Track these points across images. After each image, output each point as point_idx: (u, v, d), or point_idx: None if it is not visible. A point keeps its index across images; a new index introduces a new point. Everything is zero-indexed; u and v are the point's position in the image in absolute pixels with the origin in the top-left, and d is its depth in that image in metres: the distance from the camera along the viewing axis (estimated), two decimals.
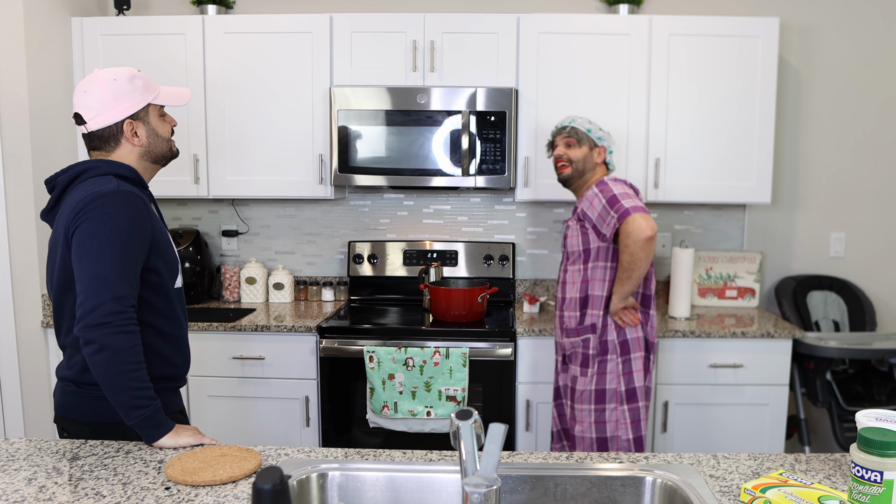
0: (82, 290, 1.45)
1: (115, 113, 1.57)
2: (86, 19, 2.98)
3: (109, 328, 1.43)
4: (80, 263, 1.46)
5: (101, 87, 1.57)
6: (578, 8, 3.27)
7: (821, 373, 2.88)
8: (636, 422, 2.32)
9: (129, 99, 1.58)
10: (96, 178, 1.54)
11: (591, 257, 2.30)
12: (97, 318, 1.43)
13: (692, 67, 2.91)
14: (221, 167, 3.02)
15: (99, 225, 1.46)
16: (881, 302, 3.37)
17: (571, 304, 2.35)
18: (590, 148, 2.38)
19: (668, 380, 2.77)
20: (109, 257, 1.45)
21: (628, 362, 2.31)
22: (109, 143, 1.61)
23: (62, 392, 1.60)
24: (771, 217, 3.34)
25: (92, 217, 1.47)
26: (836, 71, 3.26)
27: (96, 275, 1.44)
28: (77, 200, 1.50)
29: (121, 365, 1.45)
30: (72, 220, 1.49)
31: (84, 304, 1.44)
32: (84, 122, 1.58)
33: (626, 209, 2.18)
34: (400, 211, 3.37)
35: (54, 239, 1.56)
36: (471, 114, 2.86)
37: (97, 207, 1.47)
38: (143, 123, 1.61)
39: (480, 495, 1.02)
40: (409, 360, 2.63)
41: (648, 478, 1.36)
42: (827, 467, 1.39)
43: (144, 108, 1.61)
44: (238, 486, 1.30)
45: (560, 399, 2.45)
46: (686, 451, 2.81)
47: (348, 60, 2.94)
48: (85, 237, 1.46)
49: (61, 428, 1.61)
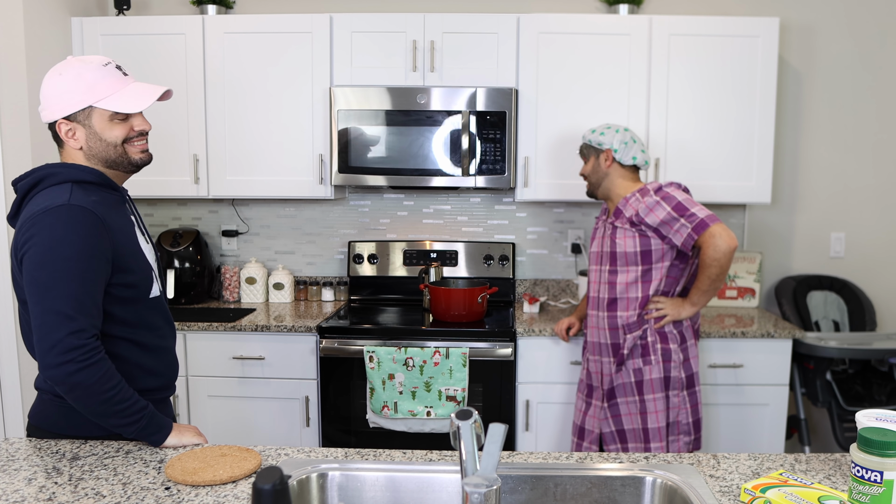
0: (37, 327, 1.36)
1: (53, 110, 1.46)
2: (86, 19, 2.98)
3: (73, 365, 1.35)
4: (32, 296, 1.36)
5: (50, 80, 1.46)
6: (578, 8, 3.27)
7: (821, 373, 2.88)
8: (695, 406, 2.39)
9: (69, 96, 1.44)
10: (52, 189, 1.43)
11: (652, 259, 2.31)
12: (57, 358, 1.35)
13: (692, 67, 2.91)
14: (221, 167, 3.02)
15: (46, 251, 1.36)
16: (881, 302, 3.37)
17: (629, 304, 2.35)
18: (595, 157, 2.41)
19: None
20: (61, 288, 1.35)
21: (685, 350, 2.37)
22: (58, 140, 1.51)
23: (39, 401, 1.54)
24: (771, 217, 3.34)
25: (38, 242, 1.36)
26: (836, 71, 3.26)
27: (48, 309, 1.35)
28: (26, 217, 1.40)
29: (97, 396, 1.39)
30: (20, 238, 1.40)
31: (41, 343, 1.35)
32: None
33: (701, 220, 2.22)
34: (400, 211, 3.37)
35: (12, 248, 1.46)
36: (471, 114, 2.86)
37: (43, 230, 1.36)
38: (81, 126, 1.47)
39: (480, 495, 1.02)
40: (409, 360, 2.63)
41: (648, 478, 1.36)
42: (827, 467, 1.39)
43: (84, 109, 1.46)
44: (238, 486, 1.30)
45: (615, 399, 2.41)
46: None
47: (348, 60, 2.94)
48: (32, 267, 1.36)
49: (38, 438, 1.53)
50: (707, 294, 2.30)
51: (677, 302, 2.33)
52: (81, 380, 1.36)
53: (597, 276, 2.44)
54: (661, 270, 2.33)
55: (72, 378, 1.36)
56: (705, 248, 2.23)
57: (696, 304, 2.32)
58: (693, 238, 2.23)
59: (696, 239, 2.23)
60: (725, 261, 2.22)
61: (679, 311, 2.32)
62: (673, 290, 2.36)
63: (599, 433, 2.45)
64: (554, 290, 3.36)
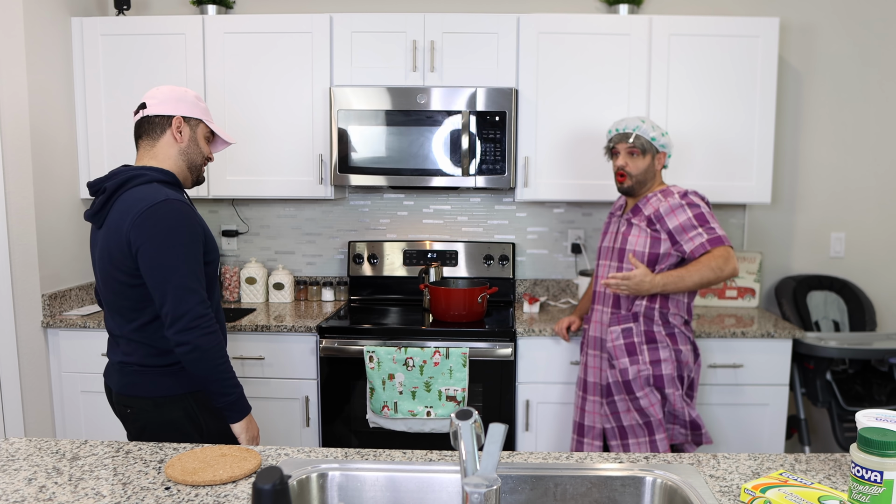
0: (168, 299, 1.64)
1: (174, 107, 1.79)
2: (86, 19, 2.98)
3: (198, 331, 1.66)
4: (157, 277, 1.65)
5: (173, 88, 1.82)
6: (578, 8, 3.27)
7: (821, 373, 2.88)
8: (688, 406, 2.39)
9: (191, 106, 1.82)
10: (143, 186, 1.71)
11: (656, 263, 2.30)
12: (187, 323, 1.65)
13: (692, 67, 2.91)
14: (221, 167, 3.02)
15: (165, 238, 1.65)
16: (881, 302, 3.37)
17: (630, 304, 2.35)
18: (652, 157, 2.33)
19: None
20: (187, 267, 1.66)
21: (678, 352, 2.36)
22: (156, 131, 1.79)
23: (122, 373, 1.77)
24: (771, 217, 3.34)
25: (156, 232, 1.64)
26: (836, 71, 3.26)
27: (178, 285, 1.64)
28: (132, 210, 1.66)
29: (210, 361, 1.68)
30: (132, 228, 1.65)
31: (173, 311, 1.64)
32: (145, 107, 1.79)
33: (719, 236, 2.24)
34: (400, 211, 3.37)
35: (105, 239, 1.71)
36: (471, 114, 2.86)
37: (158, 221, 1.65)
38: (189, 128, 1.82)
39: (480, 495, 1.02)
40: (409, 360, 2.63)
41: (648, 478, 1.36)
42: (827, 467, 1.39)
43: (197, 120, 1.83)
44: (238, 486, 1.30)
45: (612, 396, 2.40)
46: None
47: (348, 60, 2.94)
48: (156, 252, 1.64)
49: (123, 405, 1.78)
50: (680, 283, 2.20)
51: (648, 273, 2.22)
52: (201, 344, 1.66)
53: (605, 271, 2.43)
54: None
55: (196, 341, 1.65)
56: (717, 256, 2.20)
57: (657, 286, 2.20)
58: (705, 248, 2.22)
59: (710, 250, 2.22)
60: (724, 277, 2.22)
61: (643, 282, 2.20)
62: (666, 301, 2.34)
63: (602, 429, 2.45)
64: (554, 290, 3.36)
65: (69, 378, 2.86)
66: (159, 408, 1.75)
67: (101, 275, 1.75)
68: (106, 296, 1.77)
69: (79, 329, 2.83)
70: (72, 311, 2.99)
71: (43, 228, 2.85)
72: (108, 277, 1.73)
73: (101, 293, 1.80)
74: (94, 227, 1.81)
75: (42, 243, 2.84)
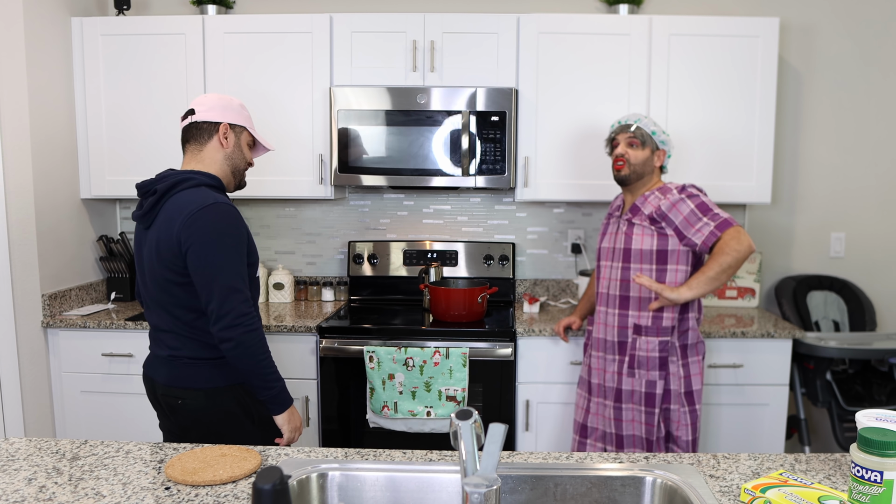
0: (214, 297, 1.74)
1: (221, 114, 1.90)
2: (86, 19, 2.98)
3: (242, 328, 1.74)
4: (205, 276, 1.74)
5: (220, 97, 1.93)
6: (578, 8, 3.27)
7: (821, 373, 2.88)
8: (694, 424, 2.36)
9: (236, 114, 1.93)
10: (192, 190, 1.81)
11: (667, 260, 2.29)
12: (231, 321, 1.73)
13: (692, 67, 2.91)
14: None
15: (215, 240, 1.75)
16: (881, 302, 3.37)
17: (640, 304, 2.34)
18: (652, 151, 2.36)
19: None
20: (233, 268, 1.76)
21: (687, 365, 2.35)
22: (203, 136, 1.90)
23: (171, 366, 1.84)
24: (771, 217, 3.34)
25: (206, 234, 1.74)
26: (836, 71, 3.26)
27: (225, 284, 1.74)
28: (183, 212, 1.76)
29: (253, 357, 1.77)
30: (183, 230, 1.75)
31: (219, 309, 1.73)
32: (193, 113, 1.89)
33: (725, 219, 2.23)
34: (400, 211, 3.37)
35: (155, 239, 1.80)
36: (471, 114, 2.86)
37: (207, 224, 1.74)
38: (234, 135, 1.93)
39: (480, 495, 1.02)
40: (409, 360, 2.63)
41: (648, 478, 1.36)
42: (827, 467, 1.39)
43: (241, 127, 1.94)
44: (238, 486, 1.30)
45: (621, 403, 2.39)
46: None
47: (348, 60, 2.94)
48: (205, 252, 1.74)
49: (173, 397, 1.84)
50: (710, 283, 2.21)
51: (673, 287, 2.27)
52: (246, 340, 1.74)
53: (607, 272, 2.42)
54: (675, 273, 2.30)
55: (240, 338, 1.74)
56: (727, 240, 2.19)
57: (693, 290, 2.22)
58: (716, 235, 2.21)
59: (720, 235, 2.21)
60: (742, 256, 2.19)
61: (678, 294, 2.22)
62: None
63: (604, 432, 2.45)
64: (554, 290, 3.36)
65: (69, 378, 2.86)
66: (212, 398, 1.83)
67: (149, 272, 1.84)
68: (152, 293, 1.85)
69: (79, 329, 2.83)
70: (72, 311, 2.99)
71: (43, 228, 2.85)
72: (157, 275, 1.81)
73: (146, 290, 1.88)
74: (142, 227, 1.89)
75: (42, 243, 2.84)
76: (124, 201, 3.44)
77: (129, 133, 3.03)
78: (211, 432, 1.84)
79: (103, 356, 2.83)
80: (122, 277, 3.22)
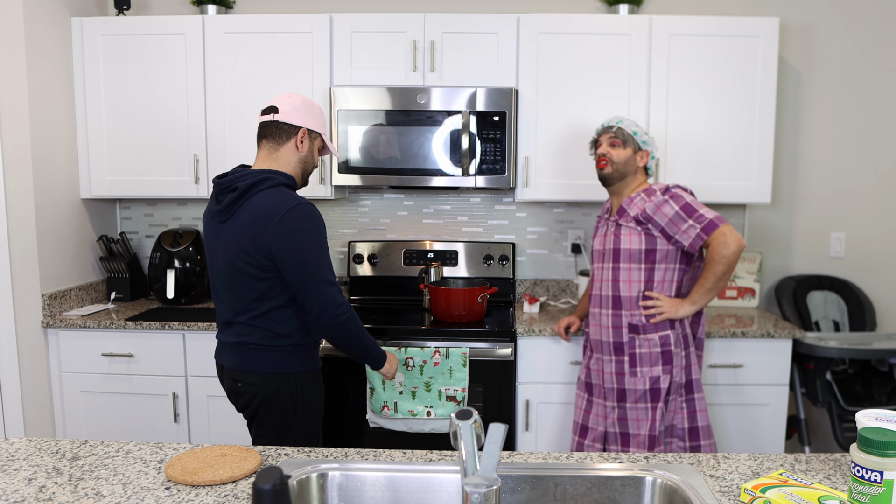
0: (313, 294, 1.90)
1: (303, 119, 2.00)
2: (86, 19, 2.98)
3: (343, 315, 1.94)
4: (302, 274, 1.88)
5: (304, 99, 2.02)
6: (578, 8, 3.27)
7: (821, 373, 2.88)
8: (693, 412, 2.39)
9: (316, 120, 2.04)
10: (273, 190, 1.91)
11: (656, 259, 2.32)
12: (335, 311, 1.92)
13: (692, 67, 2.91)
14: (221, 167, 3.02)
15: (308, 239, 1.88)
16: (881, 302, 3.37)
17: (632, 304, 2.36)
18: (634, 151, 2.39)
19: None
20: (326, 265, 1.91)
21: (689, 355, 2.38)
22: (282, 137, 1.99)
23: (237, 352, 1.98)
24: (771, 217, 3.34)
25: (298, 233, 1.87)
26: (836, 71, 3.26)
27: (322, 280, 1.90)
28: (272, 213, 1.87)
29: (354, 337, 2.00)
30: (275, 231, 1.86)
31: (319, 303, 1.90)
32: (276, 112, 1.98)
33: (710, 220, 2.24)
34: (400, 211, 3.37)
35: (237, 235, 1.90)
36: (471, 114, 2.86)
37: (298, 224, 1.87)
38: (310, 140, 2.03)
39: (480, 495, 1.02)
40: (410, 360, 2.63)
41: (648, 478, 1.36)
42: (827, 467, 1.39)
43: (316, 133, 2.05)
44: (238, 486, 1.30)
45: (625, 402, 2.39)
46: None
47: (348, 60, 2.94)
48: (301, 251, 1.87)
49: (234, 380, 1.99)
50: (710, 293, 2.30)
51: (675, 300, 2.33)
52: (348, 324, 1.95)
53: (599, 273, 2.44)
54: (663, 272, 2.33)
55: (343, 325, 1.94)
56: (715, 246, 2.24)
57: (695, 303, 2.31)
58: (702, 238, 2.24)
59: (706, 239, 2.24)
60: (733, 259, 2.23)
61: (677, 308, 2.32)
62: (671, 294, 2.36)
63: (604, 431, 2.45)
64: (554, 290, 3.36)
65: (69, 378, 2.86)
66: (266, 382, 1.96)
67: (226, 266, 1.94)
68: (228, 283, 1.96)
69: (79, 329, 2.83)
70: (72, 311, 2.99)
71: (43, 228, 2.85)
72: (235, 269, 1.92)
73: (220, 281, 1.98)
74: (217, 221, 1.98)
75: (42, 243, 2.84)
76: (124, 201, 3.44)
77: (129, 133, 3.03)
78: (259, 413, 1.99)
79: (103, 356, 2.83)
80: (122, 277, 3.22)
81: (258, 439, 2.03)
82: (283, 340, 1.96)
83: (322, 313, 1.91)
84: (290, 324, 1.96)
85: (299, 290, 1.90)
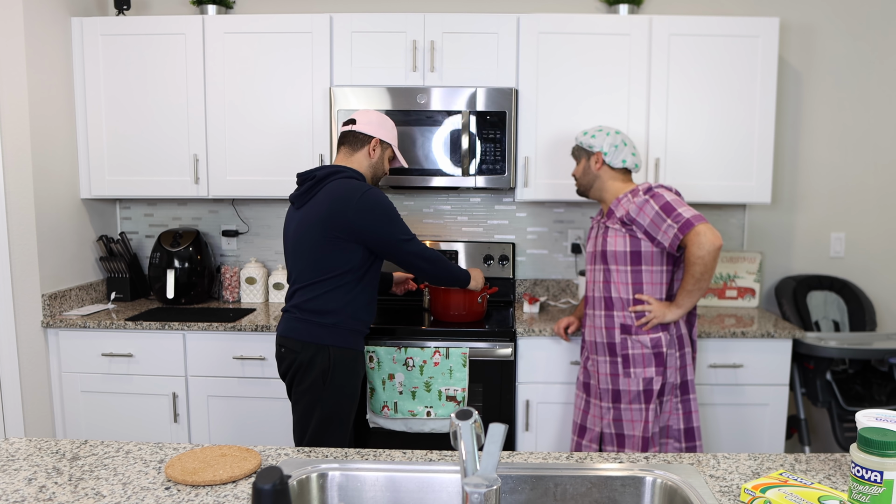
0: (421, 265, 2.29)
1: (376, 130, 2.32)
2: (86, 19, 2.98)
3: (440, 263, 2.34)
4: (394, 247, 2.22)
5: (379, 115, 2.35)
6: (578, 8, 3.27)
7: (821, 373, 2.88)
8: (688, 413, 2.39)
9: (388, 132, 2.35)
10: (346, 179, 2.21)
11: (642, 261, 2.32)
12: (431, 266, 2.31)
13: (692, 67, 2.91)
14: (221, 167, 3.02)
15: (387, 218, 2.19)
16: (881, 302, 3.37)
17: (623, 305, 2.36)
18: (586, 159, 2.42)
19: None
20: (406, 232, 2.23)
21: (683, 356, 2.38)
22: (357, 145, 2.31)
23: (287, 321, 2.26)
24: (771, 217, 3.34)
25: (378, 212, 2.17)
26: (836, 71, 3.26)
27: (416, 252, 2.26)
28: (350, 196, 2.16)
29: (448, 274, 2.40)
30: (356, 211, 2.15)
31: (422, 263, 2.29)
32: (355, 123, 2.31)
33: (687, 220, 2.22)
34: (400, 211, 3.37)
35: (314, 216, 2.18)
36: (471, 114, 2.86)
37: (375, 204, 2.17)
38: (381, 149, 2.34)
39: (480, 495, 1.02)
40: (409, 360, 2.63)
41: (648, 478, 1.36)
42: (827, 467, 1.39)
43: (387, 143, 2.35)
44: (238, 486, 1.30)
45: (619, 403, 2.39)
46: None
47: (348, 60, 2.94)
48: (386, 229, 2.19)
49: (280, 346, 2.26)
50: (692, 295, 2.28)
51: (664, 304, 2.33)
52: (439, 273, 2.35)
53: (591, 275, 2.45)
54: (651, 274, 2.33)
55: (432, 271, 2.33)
56: (689, 247, 2.23)
57: (681, 307, 2.30)
58: (679, 238, 2.23)
59: (682, 238, 2.23)
60: (710, 259, 2.21)
61: (665, 313, 2.31)
62: (660, 296, 2.36)
63: (600, 431, 2.45)
64: (554, 290, 3.36)
65: (69, 378, 2.86)
66: (304, 350, 2.20)
67: (297, 247, 2.23)
68: (297, 265, 2.24)
69: (79, 329, 2.83)
70: (72, 311, 2.99)
71: (43, 228, 2.85)
72: (306, 249, 2.20)
73: (289, 257, 2.28)
74: (294, 208, 2.29)
75: (42, 243, 2.84)
76: (124, 201, 3.44)
77: (129, 133, 3.03)
78: (295, 379, 2.22)
79: (103, 356, 2.83)
80: (122, 277, 3.22)
81: (294, 406, 2.25)
82: (326, 318, 2.20)
83: (425, 271, 2.30)
84: (335, 303, 2.20)
85: (397, 260, 2.24)
